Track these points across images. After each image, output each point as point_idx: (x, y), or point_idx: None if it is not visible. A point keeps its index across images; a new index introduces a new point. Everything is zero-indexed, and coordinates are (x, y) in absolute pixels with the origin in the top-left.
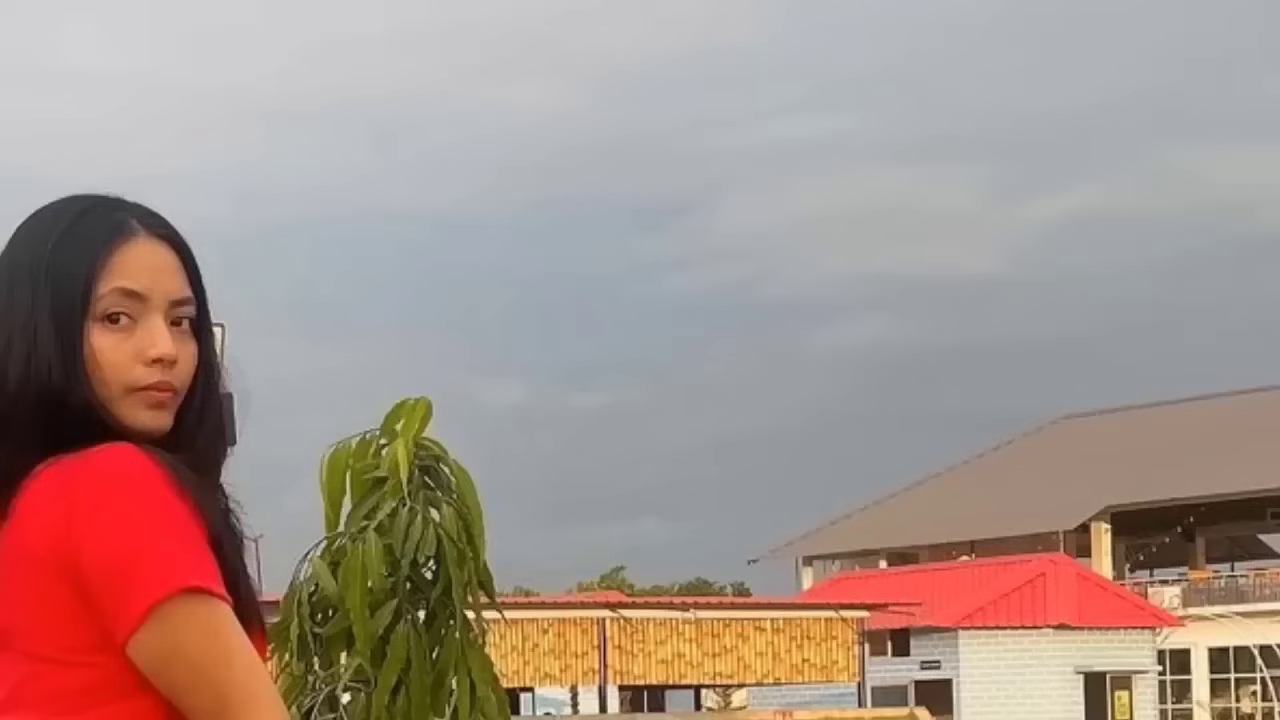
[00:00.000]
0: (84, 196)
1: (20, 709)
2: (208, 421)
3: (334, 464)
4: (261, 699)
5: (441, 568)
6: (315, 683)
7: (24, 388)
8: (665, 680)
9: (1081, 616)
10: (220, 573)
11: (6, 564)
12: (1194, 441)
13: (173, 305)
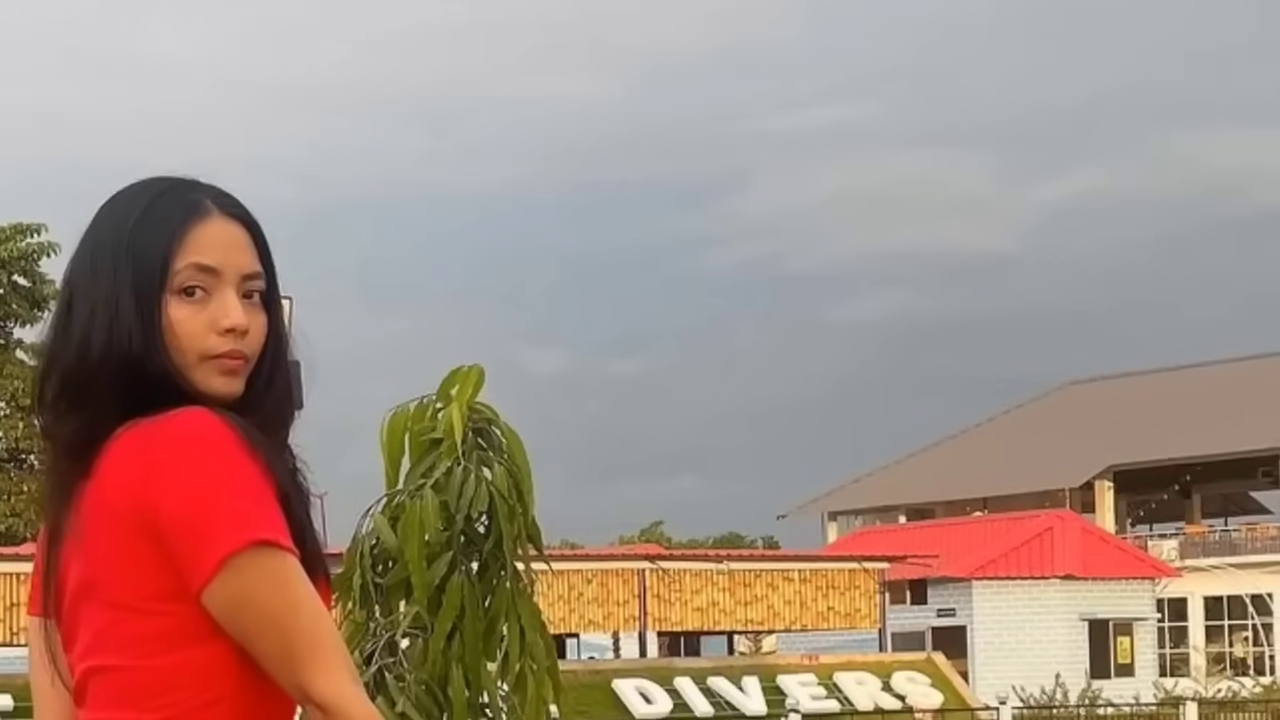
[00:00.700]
0: (162, 178)
1: (104, 653)
2: (276, 387)
3: (394, 426)
4: (326, 644)
5: (493, 522)
6: (376, 629)
7: (106, 356)
8: (700, 627)
9: (1086, 568)
10: (288, 527)
11: (90, 520)
12: (1191, 406)
13: (244, 279)
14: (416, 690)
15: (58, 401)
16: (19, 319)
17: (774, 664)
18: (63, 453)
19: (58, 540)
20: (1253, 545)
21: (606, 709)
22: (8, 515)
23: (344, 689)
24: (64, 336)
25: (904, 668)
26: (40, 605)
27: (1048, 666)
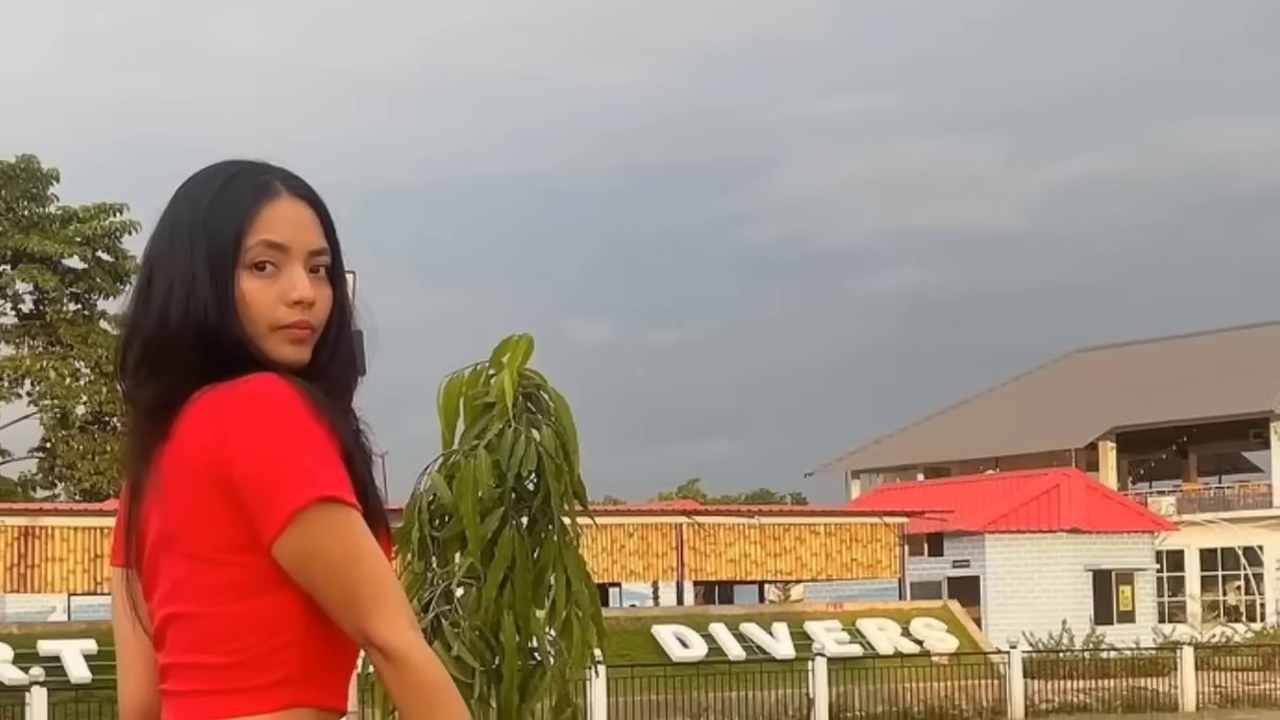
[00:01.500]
0: (234, 161)
1: (181, 601)
2: (341, 354)
3: (449, 391)
4: (387, 592)
5: (541, 480)
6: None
7: (184, 326)
8: (733, 577)
9: (1090, 522)
10: (351, 484)
11: (169, 477)
12: (1188, 372)
13: (311, 255)
14: (471, 635)
15: (139, 368)
16: (103, 292)
17: (801, 611)
18: (143, 415)
19: (139, 496)
20: (1244, 501)
21: (646, 653)
22: (92, 474)
23: (404, 634)
24: (144, 308)
25: (922, 615)
26: (123, 557)
27: (1055, 613)
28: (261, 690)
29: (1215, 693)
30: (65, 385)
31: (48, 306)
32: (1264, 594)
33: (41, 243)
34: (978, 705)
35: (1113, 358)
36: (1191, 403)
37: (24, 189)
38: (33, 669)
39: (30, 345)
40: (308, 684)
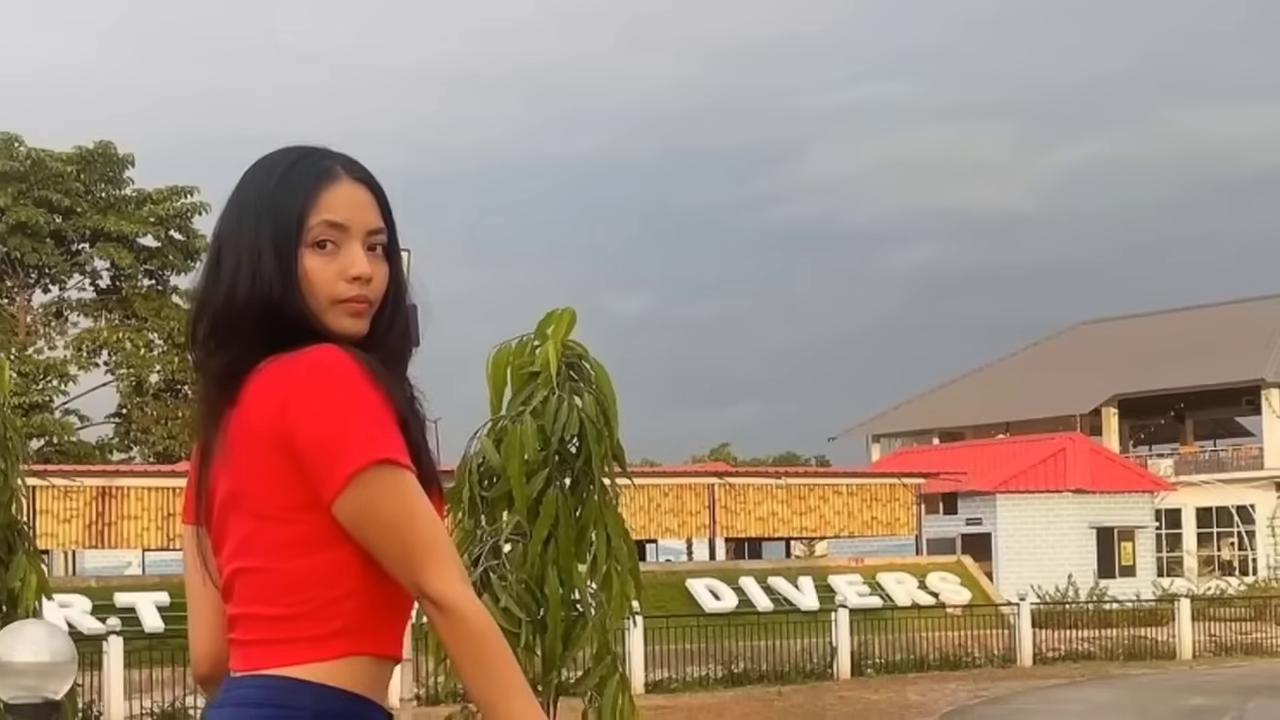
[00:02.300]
0: (297, 147)
1: (248, 556)
2: (397, 327)
3: (498, 361)
4: (439, 548)
5: (583, 443)
6: (482, 535)
7: (250, 300)
8: (762, 534)
9: (1094, 483)
10: (406, 447)
11: (236, 441)
12: (1185, 343)
13: (369, 234)
14: (517, 588)
15: (208, 339)
16: (175, 268)
17: (825, 566)
18: (212, 383)
19: (208, 459)
20: (1237, 463)
21: (680, 604)
22: (165, 438)
23: (455, 587)
24: (213, 284)
25: (937, 569)
26: (193, 515)
27: (1061, 568)
28: (322, 639)
29: (1210, 642)
30: (140, 355)
31: (124, 282)
32: (1255, 550)
33: (118, 223)
34: (989, 653)
35: (1115, 330)
36: (1188, 372)
37: (102, 172)
38: (110, 619)
39: (108, 318)
40: (365, 634)
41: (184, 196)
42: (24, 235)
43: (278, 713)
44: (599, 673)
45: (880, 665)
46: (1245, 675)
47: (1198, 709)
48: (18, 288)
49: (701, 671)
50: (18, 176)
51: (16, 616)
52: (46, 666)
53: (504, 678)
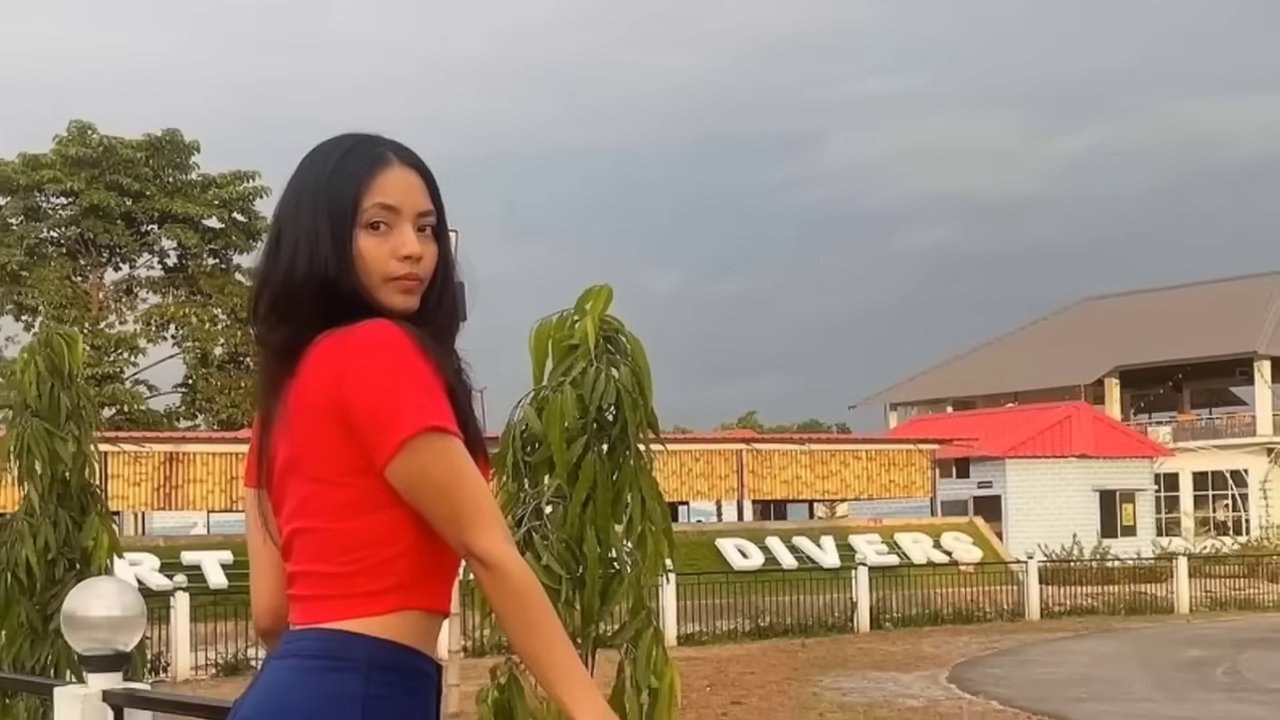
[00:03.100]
0: (351, 134)
1: (306, 517)
2: (445, 303)
3: (539, 335)
4: (485, 510)
5: (619, 412)
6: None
7: (308, 278)
8: (786, 496)
9: (1097, 448)
10: (454, 415)
11: (294, 410)
12: (1183, 318)
13: (419, 216)
14: (558, 547)
15: (269, 315)
16: (237, 248)
17: (846, 526)
18: (273, 356)
19: (269, 426)
20: (1232, 430)
21: (710, 562)
22: (228, 406)
23: (500, 546)
24: (274, 263)
25: (951, 529)
26: (255, 479)
27: (1066, 528)
28: (375, 595)
29: (1206, 597)
30: (205, 329)
31: (190, 261)
32: (1248, 511)
33: (184, 205)
34: (999, 607)
35: (1117, 305)
36: (1185, 344)
37: (169, 158)
38: (177, 576)
39: (175, 295)
40: (416, 590)
41: (246, 181)
42: (97, 217)
43: (334, 664)
44: (634, 626)
45: (897, 619)
46: (1239, 628)
47: (1195, 660)
48: (91, 266)
49: (730, 625)
50: (91, 163)
51: (89, 574)
52: (117, 620)
53: (546, 630)
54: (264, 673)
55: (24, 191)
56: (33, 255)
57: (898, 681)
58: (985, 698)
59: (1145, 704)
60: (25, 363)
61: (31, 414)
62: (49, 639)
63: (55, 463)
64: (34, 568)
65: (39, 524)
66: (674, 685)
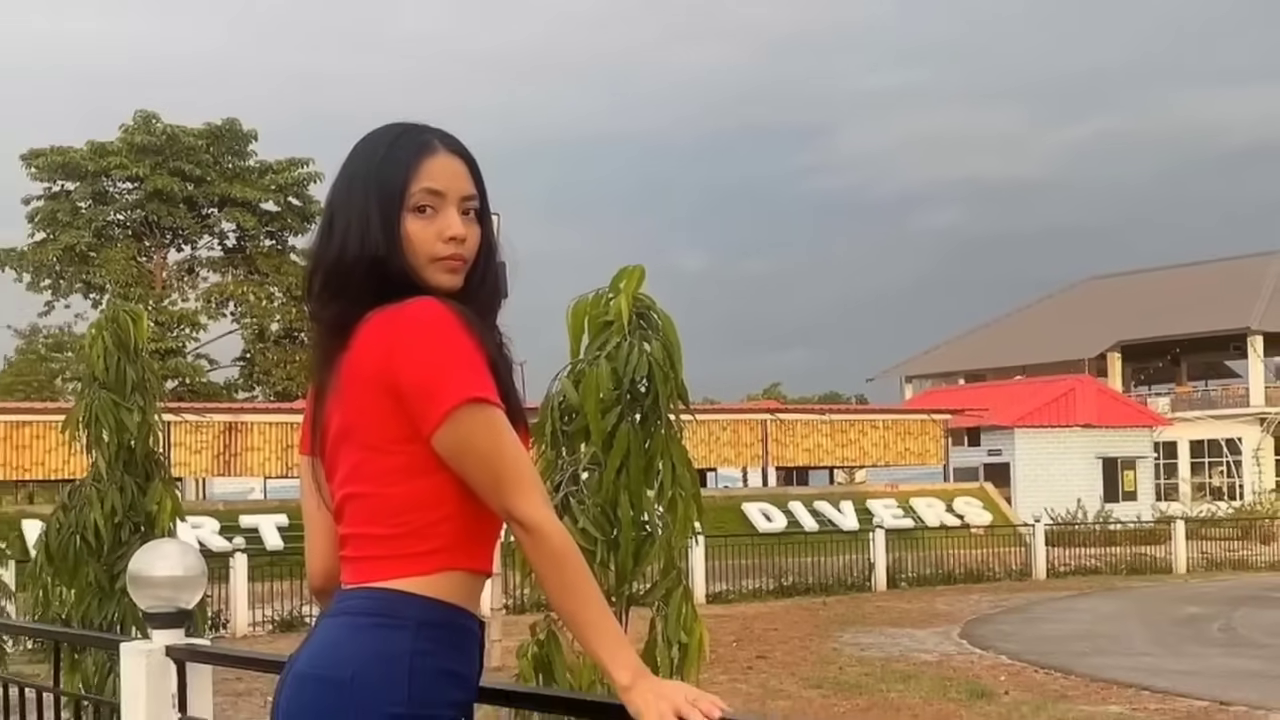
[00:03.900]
0: (399, 124)
1: (357, 483)
2: (488, 281)
3: (576, 312)
4: (525, 476)
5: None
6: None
7: (359, 258)
8: (808, 463)
9: (1100, 418)
10: (496, 387)
11: (346, 382)
12: (1181, 295)
13: (463, 200)
14: (594, 511)
15: (322, 293)
16: (292, 230)
17: (864, 491)
18: (326, 331)
19: (322, 397)
20: (1226, 401)
21: (736, 525)
22: (284, 379)
23: (539, 510)
24: (327, 244)
25: (962, 494)
26: (309, 446)
27: (1071, 493)
28: (422, 556)
29: (1202, 558)
30: (262, 306)
31: (248, 242)
32: (1242, 477)
33: (243, 190)
34: (1008, 568)
35: (1118, 284)
36: (1183, 320)
37: (229, 146)
38: (235, 539)
39: (233, 274)
40: (460, 551)
41: (300, 167)
42: (160, 201)
43: (384, 621)
44: (665, 585)
45: (912, 579)
46: (1233, 587)
47: (1192, 617)
48: (155, 247)
49: (755, 584)
50: (155, 150)
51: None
52: (180, 580)
53: (582, 590)
54: (317, 629)
55: (92, 177)
56: (100, 237)
57: (912, 637)
58: (995, 652)
59: (1145, 658)
60: (93, 338)
61: (99, 386)
62: (115, 597)
63: (121, 432)
64: (102, 531)
65: (106, 489)
66: (702, 640)
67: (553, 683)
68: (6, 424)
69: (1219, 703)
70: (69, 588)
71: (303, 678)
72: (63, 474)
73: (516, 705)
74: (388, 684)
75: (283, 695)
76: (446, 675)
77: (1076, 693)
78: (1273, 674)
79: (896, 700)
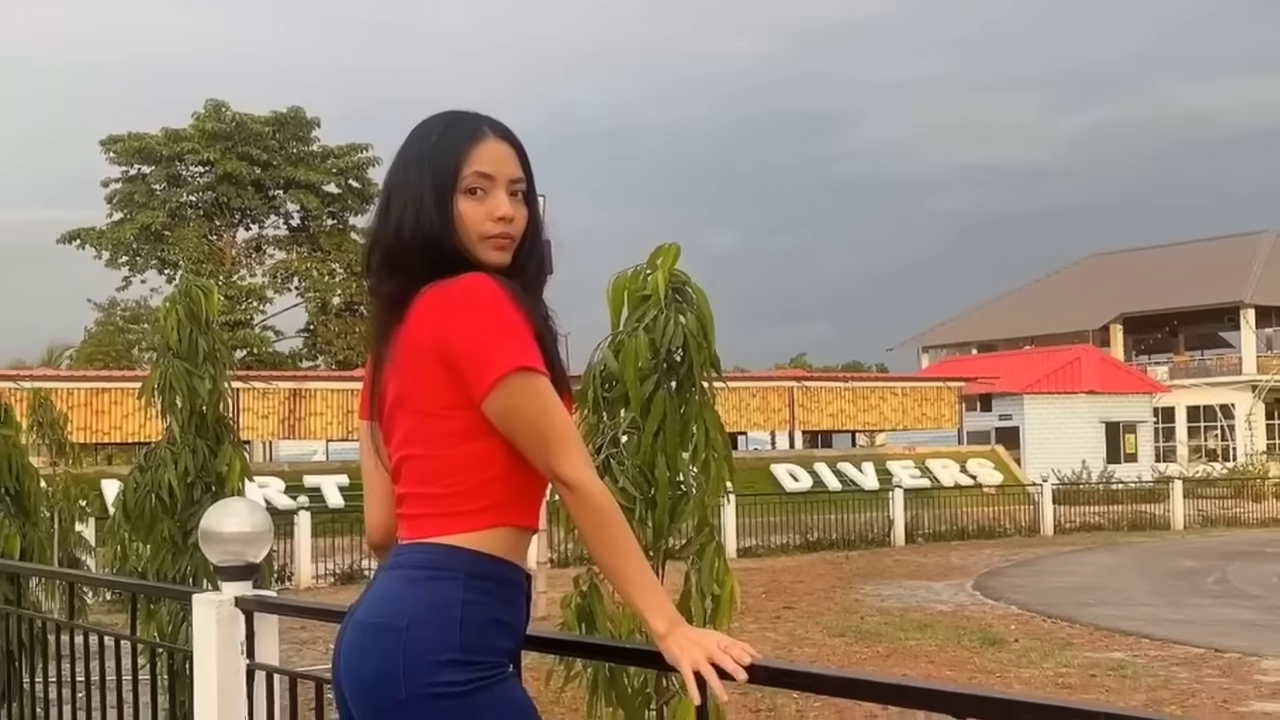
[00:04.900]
0: (452, 111)
1: (412, 445)
2: (534, 258)
3: (616, 286)
4: (569, 439)
5: (686, 353)
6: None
7: (415, 236)
8: (832, 427)
9: (1104, 385)
10: (542, 357)
11: (403, 352)
12: (1178, 271)
13: (511, 182)
14: (632, 471)
15: (380, 269)
16: (352, 210)
17: (884, 453)
18: (384, 305)
19: (380, 366)
20: (1220, 370)
21: (765, 485)
22: (345, 349)
23: (582, 470)
24: (384, 223)
25: (975, 456)
26: (368, 412)
27: (1076, 455)
28: (474, 513)
29: (1198, 515)
30: (324, 281)
31: (311, 222)
32: (1235, 440)
33: (306, 173)
34: (1017, 525)
35: (1121, 260)
36: (1181, 294)
37: (293, 132)
38: (299, 497)
39: (298, 251)
40: (508, 509)
41: (360, 152)
42: (230, 184)
43: (437, 573)
44: (699, 541)
45: (929, 534)
46: (1227, 543)
47: (1188, 570)
48: (225, 227)
49: (782, 540)
50: (225, 136)
51: (223, 495)
52: (248, 535)
53: (622, 544)
54: (376, 581)
55: (166, 162)
56: (174, 217)
57: (929, 589)
58: (1005, 603)
59: (1145, 608)
60: (167, 311)
61: (173, 356)
62: (188, 552)
63: (194, 398)
64: (175, 490)
65: (179, 452)
66: (734, 592)
67: (594, 631)
68: (87, 391)
69: (1214, 650)
70: (145, 543)
71: (363, 626)
72: (139, 437)
73: (561, 652)
74: (441, 631)
75: (344, 642)
76: (495, 624)
77: (1081, 640)
78: (1264, 623)
79: (914, 647)
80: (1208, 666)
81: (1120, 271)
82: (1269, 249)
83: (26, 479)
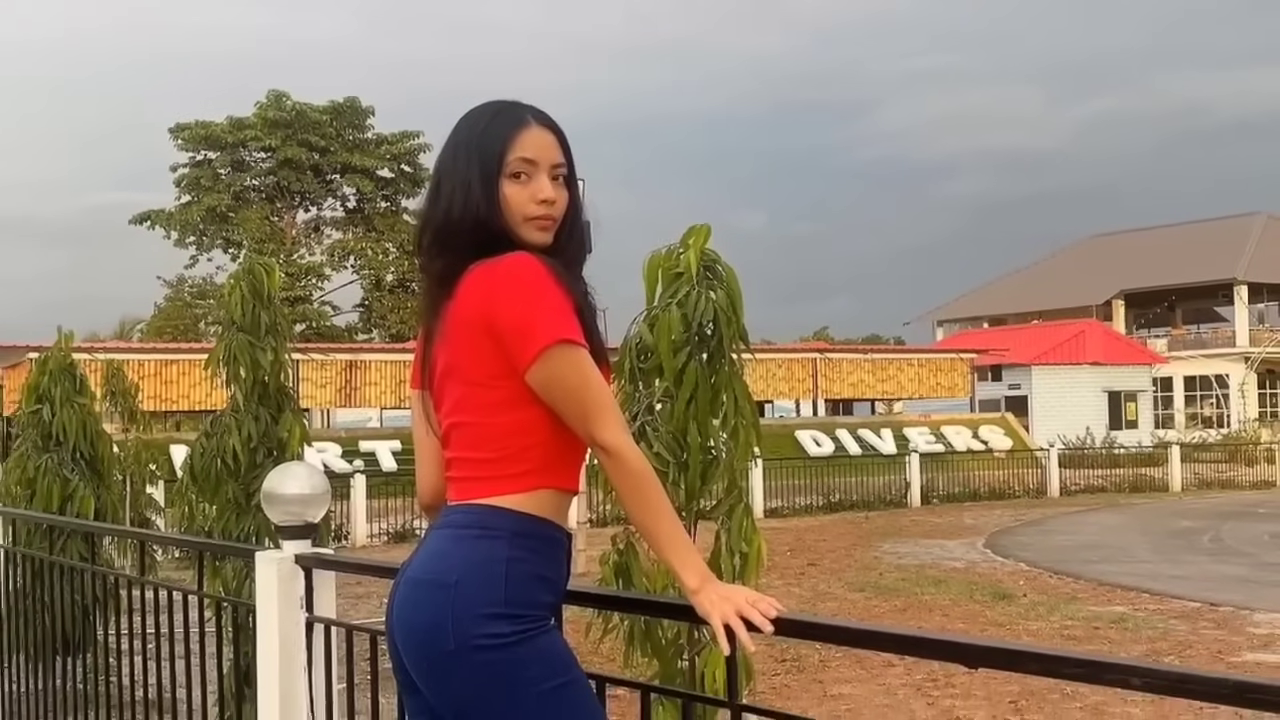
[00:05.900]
0: (498, 101)
1: (461, 413)
2: (574, 238)
3: (651, 264)
4: (607, 407)
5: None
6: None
7: (463, 218)
8: (853, 396)
9: (1106, 357)
10: (582, 330)
11: (451, 325)
12: (1176, 250)
13: (553, 167)
14: (666, 437)
15: (430, 248)
16: (405, 194)
17: (901, 420)
18: (434, 282)
19: (430, 339)
20: (1216, 342)
21: (790, 450)
22: (398, 323)
23: (619, 437)
24: (435, 205)
25: (987, 423)
26: (419, 382)
27: (1081, 422)
28: (518, 476)
29: (1195, 478)
30: (378, 260)
31: (366, 204)
32: (1229, 408)
33: (362, 159)
34: (1026, 487)
35: (1122, 240)
36: (1178, 272)
37: (349, 120)
38: (355, 461)
39: (354, 231)
40: (550, 472)
41: (412, 139)
42: (290, 169)
43: (484, 532)
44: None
45: (943, 496)
46: (1221, 504)
47: (1185, 529)
48: (285, 209)
49: (806, 501)
50: (285, 124)
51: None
52: (307, 497)
53: (656, 506)
54: (427, 540)
55: (231, 148)
56: (238, 200)
57: (943, 547)
58: (1015, 560)
59: (1145, 565)
60: (232, 287)
61: (237, 329)
62: (251, 512)
63: (256, 369)
64: (239, 455)
65: (243, 419)
66: (761, 550)
67: (631, 587)
68: (157, 362)
69: (1209, 604)
70: (211, 504)
71: (414, 582)
72: (205, 406)
73: (599, 606)
74: (487, 586)
75: (396, 597)
76: (537, 579)
77: (1085, 595)
78: (1256, 579)
79: (929, 602)
80: (1203, 620)
81: (1121, 251)
82: (1261, 229)
83: (100, 445)
